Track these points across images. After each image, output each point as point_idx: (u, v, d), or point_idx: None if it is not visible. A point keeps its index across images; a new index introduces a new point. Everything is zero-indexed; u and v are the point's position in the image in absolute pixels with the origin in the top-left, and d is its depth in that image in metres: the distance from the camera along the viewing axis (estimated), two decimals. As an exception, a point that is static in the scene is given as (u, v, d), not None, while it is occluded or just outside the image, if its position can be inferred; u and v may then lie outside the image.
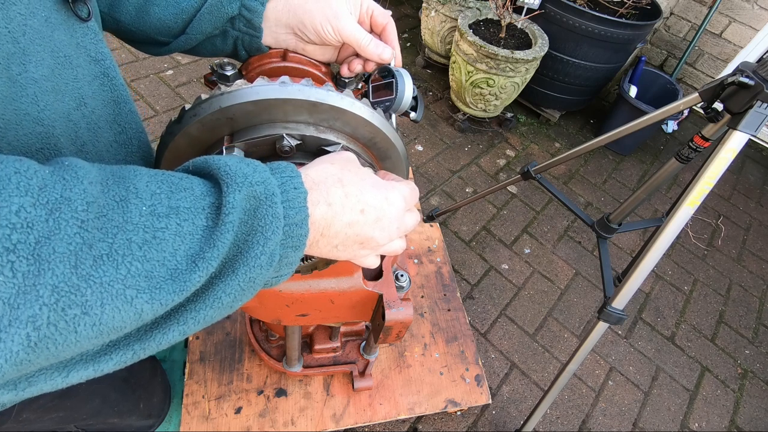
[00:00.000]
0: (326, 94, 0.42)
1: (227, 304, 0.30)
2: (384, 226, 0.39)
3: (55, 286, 0.22)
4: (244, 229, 0.30)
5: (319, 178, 0.36)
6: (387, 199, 0.38)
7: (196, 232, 0.28)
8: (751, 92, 0.75)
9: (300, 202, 0.32)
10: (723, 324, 1.75)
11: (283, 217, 0.31)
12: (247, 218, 0.30)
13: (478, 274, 1.67)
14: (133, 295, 0.25)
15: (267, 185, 0.31)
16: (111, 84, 0.41)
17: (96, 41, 0.38)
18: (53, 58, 0.33)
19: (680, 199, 0.85)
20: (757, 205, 2.29)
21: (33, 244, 0.22)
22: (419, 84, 2.45)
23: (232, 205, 0.29)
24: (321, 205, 0.35)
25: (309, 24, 0.50)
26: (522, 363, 1.47)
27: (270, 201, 0.31)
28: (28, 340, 0.22)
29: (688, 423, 1.45)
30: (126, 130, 0.44)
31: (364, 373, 1.07)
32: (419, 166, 2.01)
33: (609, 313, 0.94)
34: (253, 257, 0.30)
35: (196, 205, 0.29)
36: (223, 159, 0.32)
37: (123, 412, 0.83)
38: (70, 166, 0.26)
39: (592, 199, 2.09)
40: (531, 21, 2.03)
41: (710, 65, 2.67)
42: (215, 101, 0.41)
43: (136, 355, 0.28)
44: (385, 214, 0.38)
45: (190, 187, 0.30)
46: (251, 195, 0.30)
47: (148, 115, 1.89)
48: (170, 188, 0.29)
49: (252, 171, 0.31)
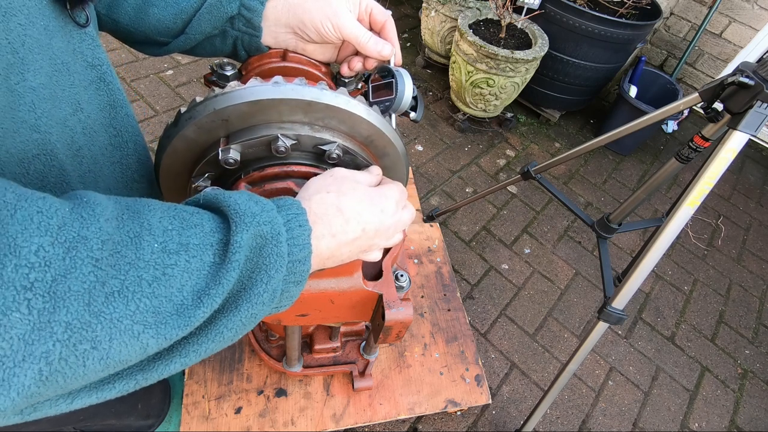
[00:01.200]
0: (320, 93, 0.42)
1: (228, 337, 0.31)
2: (382, 234, 0.42)
3: (69, 323, 0.23)
4: (249, 266, 0.31)
5: (320, 211, 0.37)
6: (383, 210, 0.41)
7: (203, 269, 0.29)
8: (751, 92, 0.75)
9: (304, 240, 0.34)
10: (723, 324, 1.75)
11: (287, 255, 0.33)
12: (253, 256, 0.31)
13: (478, 274, 1.67)
14: (140, 331, 0.26)
15: (273, 225, 0.32)
16: (107, 89, 0.41)
17: (93, 47, 0.38)
18: (51, 66, 0.33)
19: (680, 199, 0.85)
20: (757, 205, 2.29)
21: (50, 282, 0.22)
22: (419, 84, 2.45)
23: (239, 244, 0.30)
24: (326, 238, 0.37)
25: (309, 22, 0.50)
26: (522, 363, 1.47)
27: (275, 240, 0.32)
28: (40, 374, 0.22)
29: (688, 423, 1.45)
30: (122, 133, 0.44)
31: (364, 373, 1.07)
32: (419, 166, 2.01)
33: (609, 313, 0.94)
34: (256, 294, 0.31)
35: (205, 241, 0.30)
36: (234, 196, 0.33)
37: (121, 412, 0.83)
38: (89, 203, 0.26)
39: (592, 199, 2.09)
40: (531, 21, 2.03)
41: (710, 65, 2.67)
42: (210, 103, 0.41)
43: (138, 384, 0.29)
44: (383, 225, 0.41)
45: (200, 223, 0.31)
46: (258, 234, 0.31)
47: (148, 116, 1.89)
48: (182, 224, 0.30)
49: (260, 210, 0.32)
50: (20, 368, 0.21)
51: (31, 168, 0.33)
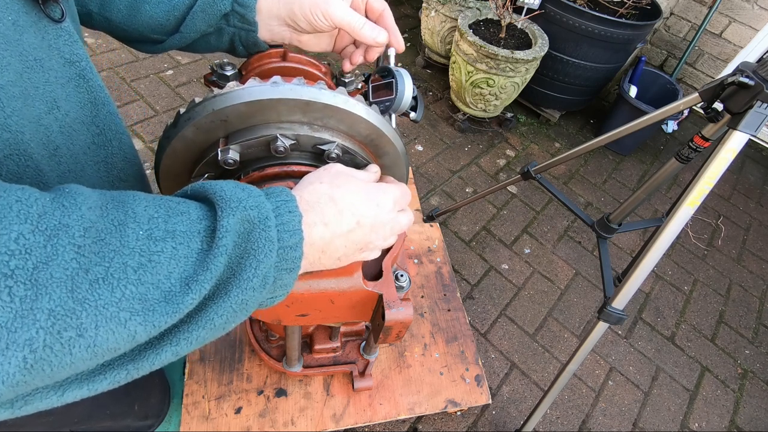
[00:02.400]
0: (318, 93, 0.42)
1: (220, 325, 0.31)
2: (378, 230, 0.41)
3: (52, 310, 0.23)
4: (237, 252, 0.30)
5: (312, 199, 0.37)
6: (378, 204, 0.40)
7: (191, 255, 0.29)
8: (751, 92, 0.75)
9: (294, 225, 0.33)
10: (723, 324, 1.75)
11: (277, 240, 0.32)
12: (241, 241, 0.31)
13: (478, 274, 1.67)
14: (126, 318, 0.26)
15: (261, 209, 0.32)
16: (87, 86, 0.40)
17: (70, 42, 0.37)
18: (21, 63, 0.33)
19: (680, 199, 0.85)
20: (757, 205, 2.29)
21: (31, 270, 0.22)
22: (419, 84, 2.45)
23: (226, 228, 0.30)
24: (318, 226, 0.36)
25: (299, 12, 0.50)
26: (522, 363, 1.47)
27: (263, 225, 0.31)
28: (25, 362, 0.22)
29: (688, 423, 1.45)
30: (105, 131, 0.44)
31: (364, 373, 1.07)
32: (419, 166, 2.01)
33: (609, 313, 0.94)
34: (245, 279, 0.30)
35: (192, 228, 0.30)
36: (220, 184, 0.32)
37: (116, 414, 0.82)
38: (70, 193, 0.26)
39: (592, 199, 2.09)
40: (531, 21, 2.03)
41: (710, 65, 2.67)
42: (208, 104, 0.41)
43: (130, 375, 0.29)
44: (379, 219, 0.40)
45: (186, 211, 0.30)
46: (245, 219, 0.31)
47: (148, 116, 1.89)
48: (167, 212, 0.29)
49: (246, 196, 0.32)
50: (4, 356, 0.21)
51: (3, 169, 0.33)
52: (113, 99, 1.95)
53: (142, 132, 1.82)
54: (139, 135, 1.81)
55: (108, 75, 2.00)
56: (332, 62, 2.50)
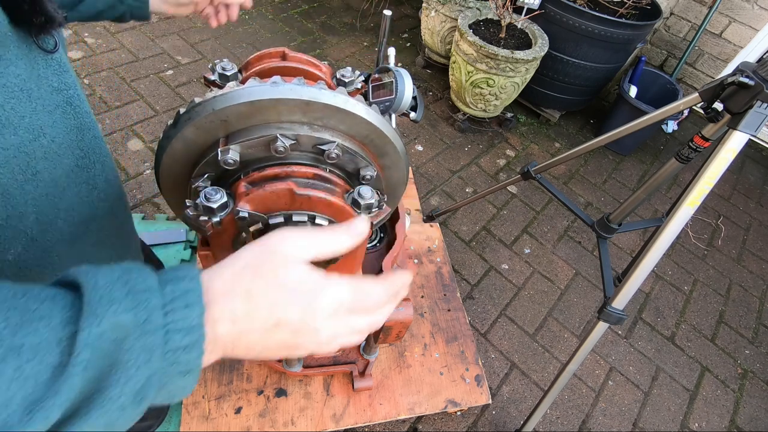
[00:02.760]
0: (318, 93, 0.42)
1: None
2: (308, 336, 0.34)
3: None
4: (103, 364, 0.26)
5: (225, 289, 0.31)
6: (308, 308, 0.33)
7: (43, 374, 0.24)
8: (751, 92, 0.75)
9: (191, 322, 0.28)
10: (723, 324, 1.75)
11: (163, 344, 0.27)
12: (109, 352, 0.26)
13: (478, 274, 1.67)
14: None
15: (138, 311, 0.26)
16: (74, 112, 0.40)
17: (60, 72, 0.38)
18: (4, 95, 0.32)
19: (680, 199, 0.85)
20: (757, 205, 2.29)
21: None
22: (419, 84, 2.45)
23: (85, 341, 0.25)
24: (225, 323, 0.30)
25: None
26: (522, 363, 1.47)
27: (140, 330, 0.26)
28: None
29: (688, 423, 1.45)
30: (89, 154, 0.44)
31: (364, 373, 1.07)
32: (419, 166, 2.01)
33: (609, 313, 0.94)
34: (109, 399, 0.26)
35: (51, 337, 0.24)
36: (98, 274, 0.27)
37: None
38: None
39: (592, 199, 2.09)
40: (531, 21, 2.03)
41: (710, 65, 2.67)
42: (208, 104, 0.41)
43: None
44: (307, 325, 0.33)
45: (48, 314, 0.25)
46: (116, 325, 0.26)
47: (148, 116, 1.89)
48: (20, 320, 0.24)
49: (124, 294, 0.27)
50: None
51: None
52: (113, 99, 1.95)
53: (142, 132, 1.82)
54: (139, 135, 1.81)
55: (108, 75, 2.00)
56: (332, 62, 2.50)
